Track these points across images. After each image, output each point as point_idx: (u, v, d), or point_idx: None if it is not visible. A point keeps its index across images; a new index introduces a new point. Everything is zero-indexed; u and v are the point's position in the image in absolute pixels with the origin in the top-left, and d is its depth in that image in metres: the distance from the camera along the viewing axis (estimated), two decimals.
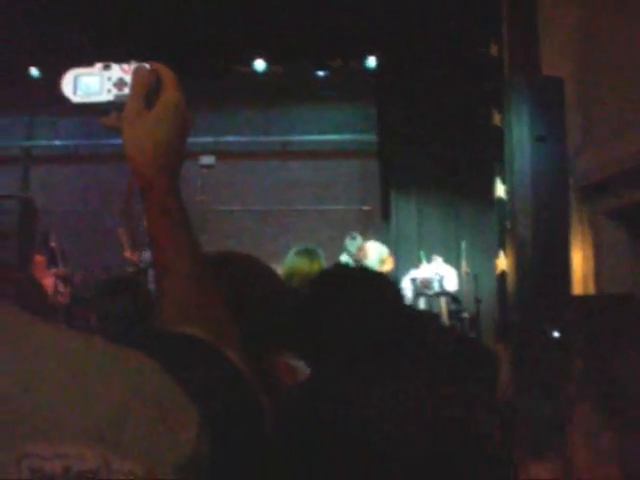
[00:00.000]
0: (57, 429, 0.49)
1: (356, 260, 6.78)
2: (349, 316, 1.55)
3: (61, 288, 8.81)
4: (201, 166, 9.66)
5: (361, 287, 1.61)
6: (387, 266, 6.19)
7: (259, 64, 10.11)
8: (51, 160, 11.83)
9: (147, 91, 0.99)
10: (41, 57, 9.45)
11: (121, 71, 1.03)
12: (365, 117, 10.76)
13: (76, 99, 1.03)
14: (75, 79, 1.04)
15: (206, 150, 10.46)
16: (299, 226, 10.91)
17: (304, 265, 3.97)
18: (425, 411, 1.39)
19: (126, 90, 1.01)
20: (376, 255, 6.50)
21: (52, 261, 9.00)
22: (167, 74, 1.01)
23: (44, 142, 11.83)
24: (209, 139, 11.26)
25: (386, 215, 10.18)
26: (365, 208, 11.08)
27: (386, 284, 1.67)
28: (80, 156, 11.47)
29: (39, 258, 9.23)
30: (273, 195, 11.22)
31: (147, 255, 7.95)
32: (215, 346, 0.89)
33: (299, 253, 4.11)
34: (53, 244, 8.87)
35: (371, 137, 10.47)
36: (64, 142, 11.42)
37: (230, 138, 11.39)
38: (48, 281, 8.77)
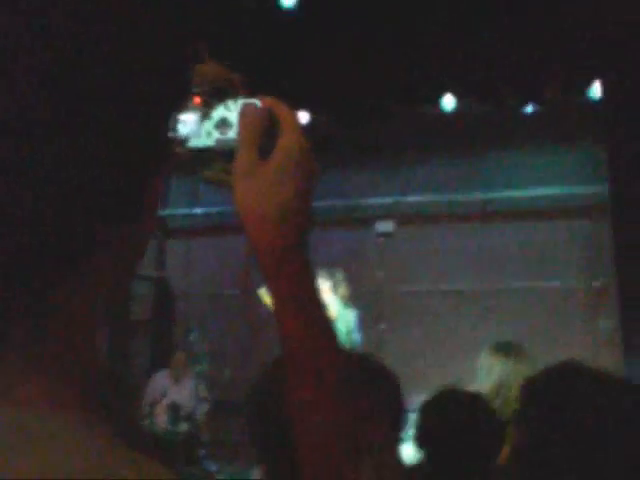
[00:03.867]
0: None
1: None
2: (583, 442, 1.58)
3: (202, 392, 9.30)
4: (377, 235, 9.98)
5: (592, 397, 1.65)
6: None
7: (448, 101, 10.29)
8: (191, 232, 12.52)
9: (260, 135, 1.01)
10: None
11: (224, 109, 1.03)
12: (592, 163, 10.58)
13: None
14: None
15: (383, 214, 10.83)
16: (506, 309, 10.86)
17: (507, 367, 3.96)
18: None
19: (231, 133, 1.02)
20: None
21: (194, 358, 9.51)
22: (284, 112, 1.03)
23: (182, 211, 12.52)
24: (386, 200, 11.63)
25: (625, 292, 9.85)
26: (596, 284, 10.90)
27: (625, 391, 1.71)
28: (224, 226, 12.11)
29: (179, 355, 9.83)
30: (471, 269, 11.27)
31: None
32: None
33: (499, 350, 4.13)
34: (193, 337, 9.35)
35: (601, 189, 10.28)
36: (205, 209, 12.08)
37: (412, 198, 11.65)
38: (188, 382, 9.37)
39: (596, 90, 9.95)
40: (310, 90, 10.12)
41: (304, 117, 10.69)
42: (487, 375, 3.96)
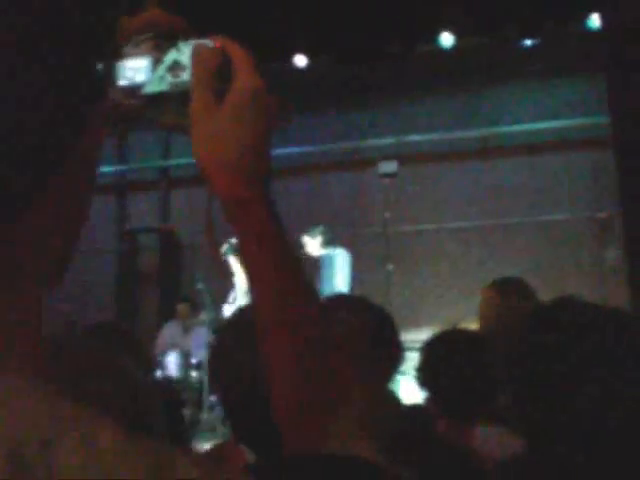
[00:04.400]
0: None
1: None
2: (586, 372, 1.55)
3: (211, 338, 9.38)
4: (381, 175, 9.88)
5: (594, 329, 1.61)
6: None
7: (446, 38, 10.22)
8: (194, 181, 12.56)
9: (214, 76, 0.98)
10: None
11: (175, 52, 1.00)
12: (593, 94, 10.47)
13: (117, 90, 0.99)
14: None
15: (386, 154, 10.74)
16: (512, 245, 10.88)
17: (506, 304, 3.91)
18: None
19: (184, 76, 0.99)
20: None
21: (198, 306, 9.57)
22: (238, 52, 0.99)
23: (184, 160, 12.41)
24: (389, 140, 11.60)
25: (630, 222, 9.79)
26: (600, 215, 10.78)
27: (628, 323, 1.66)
28: None
29: (181, 306, 9.91)
30: (475, 206, 11.26)
31: None
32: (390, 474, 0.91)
33: (498, 287, 4.12)
34: (201, 286, 9.37)
35: (603, 120, 10.18)
36: None
37: (415, 137, 11.62)
38: (196, 332, 9.44)
39: (594, 20, 9.86)
40: (307, 32, 10.04)
41: (302, 60, 10.60)
42: (487, 312, 3.95)
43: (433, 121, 11.63)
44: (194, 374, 9.03)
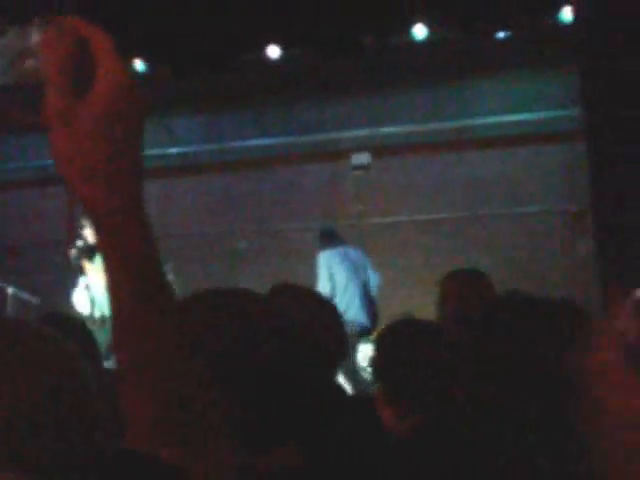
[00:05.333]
0: None
1: None
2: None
3: None
4: (353, 167, 9.87)
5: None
6: None
7: (419, 30, 10.17)
8: (166, 172, 12.19)
9: (70, 68, 0.84)
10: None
11: (22, 36, 0.87)
12: (565, 87, 10.46)
13: None
14: None
15: (359, 146, 10.73)
16: (484, 237, 10.89)
17: (456, 287, 4.01)
18: None
19: (33, 65, 0.87)
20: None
21: None
22: (97, 36, 0.87)
23: (156, 151, 12.21)
24: (362, 132, 11.56)
25: (602, 216, 9.78)
26: (572, 208, 10.80)
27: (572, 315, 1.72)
28: (201, 165, 12.00)
29: None
30: (448, 199, 11.25)
31: None
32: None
33: (453, 278, 4.14)
34: (170, 277, 9.33)
35: (575, 112, 10.20)
36: (182, 149, 12.06)
37: (388, 129, 11.58)
38: None
39: (567, 13, 9.89)
40: (280, 24, 10.00)
41: (275, 51, 10.56)
42: (443, 303, 3.97)
43: (406, 113, 11.59)
44: None
